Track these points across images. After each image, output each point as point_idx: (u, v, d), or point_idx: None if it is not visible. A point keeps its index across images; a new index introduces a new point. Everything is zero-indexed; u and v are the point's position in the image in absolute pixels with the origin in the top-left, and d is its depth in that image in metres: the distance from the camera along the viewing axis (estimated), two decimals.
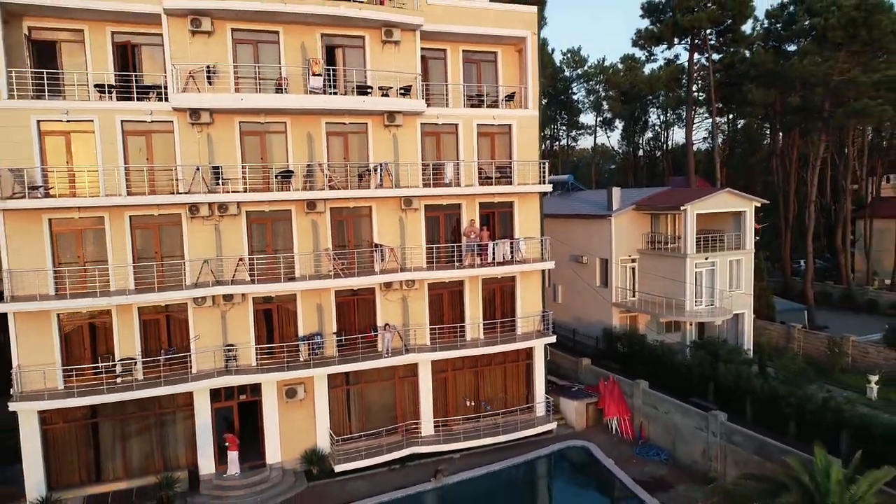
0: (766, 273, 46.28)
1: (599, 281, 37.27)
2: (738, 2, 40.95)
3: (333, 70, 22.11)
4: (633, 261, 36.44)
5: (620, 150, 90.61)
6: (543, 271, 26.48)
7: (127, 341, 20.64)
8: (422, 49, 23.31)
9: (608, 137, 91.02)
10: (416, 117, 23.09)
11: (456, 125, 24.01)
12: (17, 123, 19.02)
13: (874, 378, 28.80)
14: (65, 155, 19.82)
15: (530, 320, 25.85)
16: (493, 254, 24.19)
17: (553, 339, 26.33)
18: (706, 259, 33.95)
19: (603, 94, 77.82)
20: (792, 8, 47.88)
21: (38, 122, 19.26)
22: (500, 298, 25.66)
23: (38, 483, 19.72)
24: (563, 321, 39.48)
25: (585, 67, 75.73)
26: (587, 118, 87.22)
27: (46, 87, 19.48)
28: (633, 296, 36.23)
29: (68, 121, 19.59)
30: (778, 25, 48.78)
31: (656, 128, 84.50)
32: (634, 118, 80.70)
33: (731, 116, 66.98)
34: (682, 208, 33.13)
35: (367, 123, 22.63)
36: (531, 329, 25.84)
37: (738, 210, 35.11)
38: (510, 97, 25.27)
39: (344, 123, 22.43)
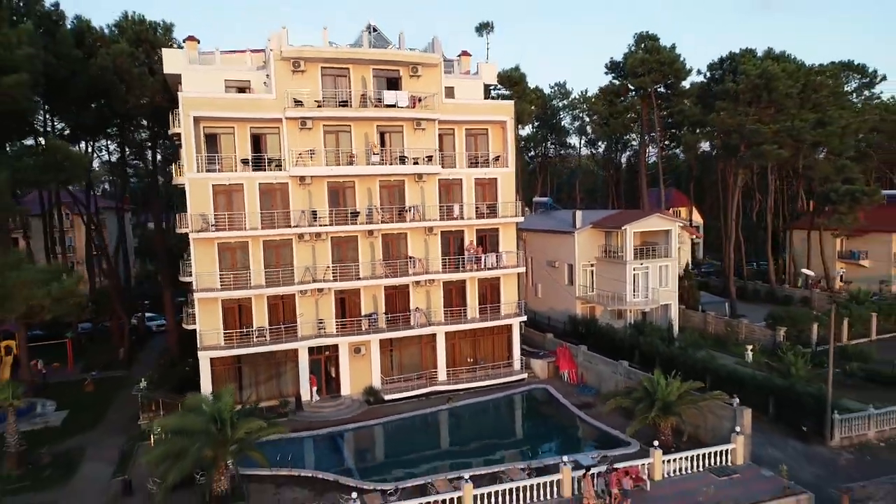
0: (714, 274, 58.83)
1: (567, 280, 50.19)
2: (675, 68, 53.79)
3: (383, 148, 35.17)
4: (592, 265, 49.27)
5: (602, 165, 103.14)
6: (519, 274, 39.45)
7: (259, 316, 33.80)
8: (439, 129, 36.35)
9: (592, 155, 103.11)
10: (435, 175, 36.16)
11: (461, 179, 37.13)
12: (201, 187, 32.17)
13: (749, 348, 41.66)
14: (226, 204, 32.91)
15: (510, 306, 38.88)
16: (485, 262, 37.31)
17: (524, 318, 39.42)
18: (642, 264, 46.81)
19: (587, 120, 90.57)
20: (729, 62, 60.85)
21: (213, 185, 32.40)
22: (489, 292, 38.71)
23: None
24: (542, 311, 52.54)
25: (570, 98, 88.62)
26: (574, 139, 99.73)
27: (217, 163, 32.65)
28: (592, 291, 49.06)
29: (229, 184, 32.73)
30: (717, 74, 61.60)
31: (634, 146, 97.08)
32: (615, 139, 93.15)
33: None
34: (623, 228, 46.06)
35: (404, 180, 35.72)
36: (510, 312, 38.85)
37: (666, 228, 48.06)
38: (497, 158, 38.29)
39: (390, 180, 35.54)
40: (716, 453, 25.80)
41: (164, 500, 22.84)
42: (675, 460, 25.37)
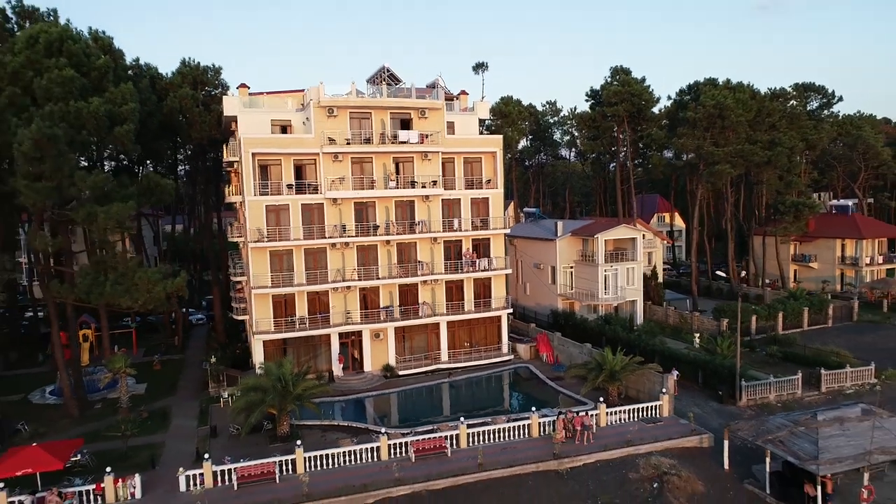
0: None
1: (550, 280, 59.24)
2: (644, 98, 62.81)
3: (398, 174, 44.28)
4: (571, 267, 58.32)
5: (591, 174, 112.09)
6: (507, 275, 48.57)
7: (301, 308, 42.92)
8: (442, 159, 45.43)
9: (582, 165, 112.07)
10: (439, 196, 45.26)
11: (459, 198, 46.24)
12: (258, 207, 41.32)
13: (697, 335, 50.69)
14: (276, 220, 42.03)
15: (499, 301, 47.99)
16: (479, 266, 46.40)
17: (511, 310, 48.57)
18: (612, 266, 55.85)
19: (577, 135, 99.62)
20: (694, 91, 69.81)
21: (266, 205, 41.56)
22: (482, 289, 47.80)
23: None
24: (530, 306, 61.60)
25: (560, 115, 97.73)
26: (565, 150, 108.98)
27: (268, 188, 41.80)
28: (571, 289, 58.13)
29: (278, 204, 41.88)
30: (686, 99, 70.52)
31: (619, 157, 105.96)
32: (602, 151, 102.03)
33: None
34: (595, 236, 55.12)
35: (414, 200, 44.84)
36: (499, 305, 47.96)
37: (633, 237, 57.09)
38: (488, 181, 47.37)
39: (403, 200, 44.66)
40: (647, 408, 34.89)
41: (245, 436, 32.08)
42: (616, 412, 34.46)
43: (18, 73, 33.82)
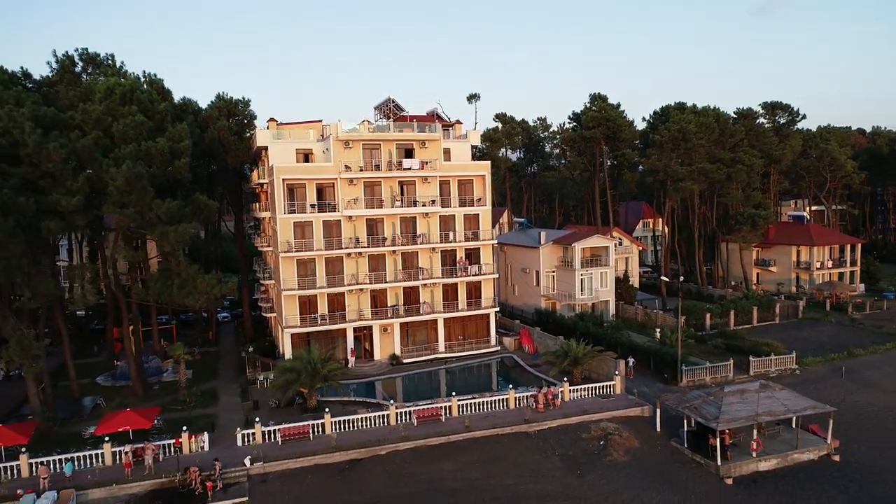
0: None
1: (535, 283, 67.81)
2: (619, 123, 71.43)
3: (402, 195, 52.94)
4: (553, 271, 66.86)
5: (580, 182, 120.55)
6: (494, 279, 57.26)
7: (322, 306, 51.62)
8: (439, 181, 54.08)
9: (572, 176, 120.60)
10: (437, 213, 53.91)
11: (454, 215, 54.92)
12: (287, 223, 50.03)
13: (658, 330, 59.23)
14: (301, 233, 50.72)
15: (488, 301, 56.67)
16: (470, 271, 55.06)
17: (498, 309, 57.31)
18: (587, 271, 64.41)
19: (566, 148, 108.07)
20: (664, 115, 78.37)
21: (293, 222, 50.27)
22: (474, 291, 56.47)
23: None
24: (517, 305, 70.20)
25: (550, 130, 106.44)
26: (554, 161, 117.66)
27: (295, 207, 50.52)
28: (553, 291, 66.68)
29: (303, 221, 50.59)
30: (661, 121, 79.07)
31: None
32: (585, 168, 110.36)
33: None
34: (573, 245, 63.73)
35: (416, 216, 53.51)
36: (488, 305, 56.63)
37: (606, 245, 65.68)
38: (479, 200, 56.03)
39: (407, 217, 53.33)
40: (602, 386, 43.53)
41: (282, 408, 40.79)
42: (578, 390, 43.11)
43: (100, 119, 42.40)
